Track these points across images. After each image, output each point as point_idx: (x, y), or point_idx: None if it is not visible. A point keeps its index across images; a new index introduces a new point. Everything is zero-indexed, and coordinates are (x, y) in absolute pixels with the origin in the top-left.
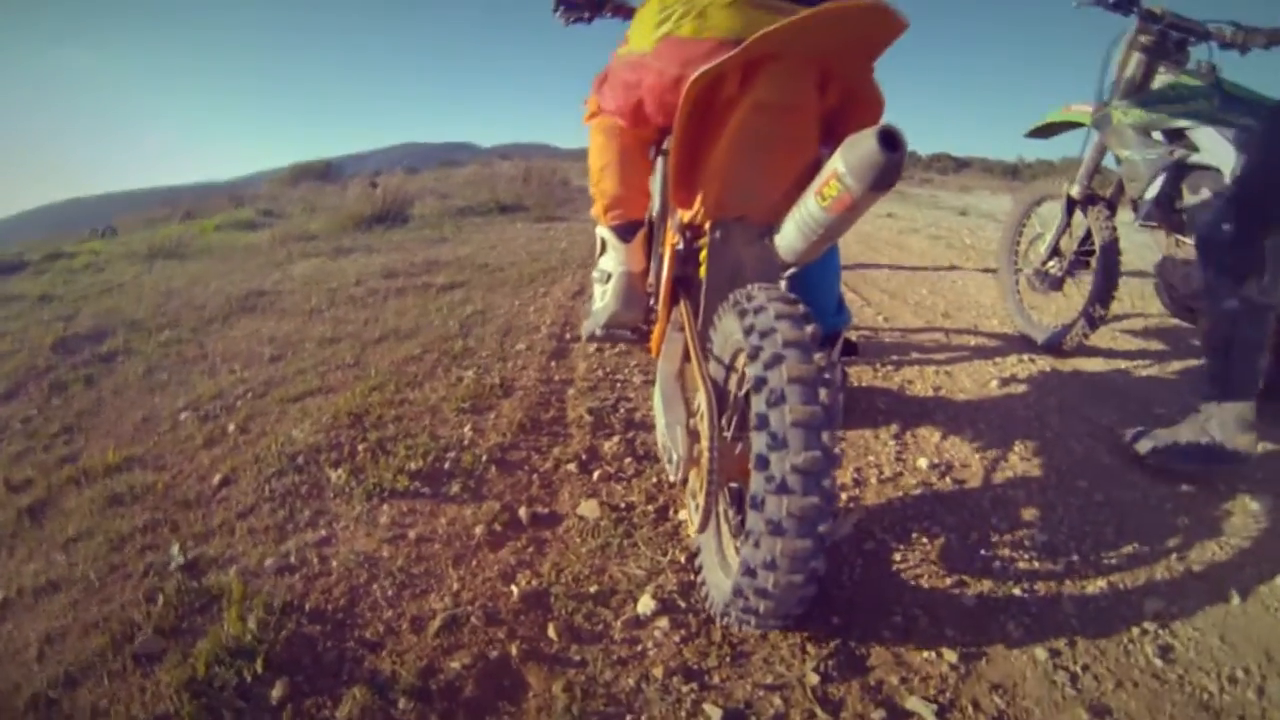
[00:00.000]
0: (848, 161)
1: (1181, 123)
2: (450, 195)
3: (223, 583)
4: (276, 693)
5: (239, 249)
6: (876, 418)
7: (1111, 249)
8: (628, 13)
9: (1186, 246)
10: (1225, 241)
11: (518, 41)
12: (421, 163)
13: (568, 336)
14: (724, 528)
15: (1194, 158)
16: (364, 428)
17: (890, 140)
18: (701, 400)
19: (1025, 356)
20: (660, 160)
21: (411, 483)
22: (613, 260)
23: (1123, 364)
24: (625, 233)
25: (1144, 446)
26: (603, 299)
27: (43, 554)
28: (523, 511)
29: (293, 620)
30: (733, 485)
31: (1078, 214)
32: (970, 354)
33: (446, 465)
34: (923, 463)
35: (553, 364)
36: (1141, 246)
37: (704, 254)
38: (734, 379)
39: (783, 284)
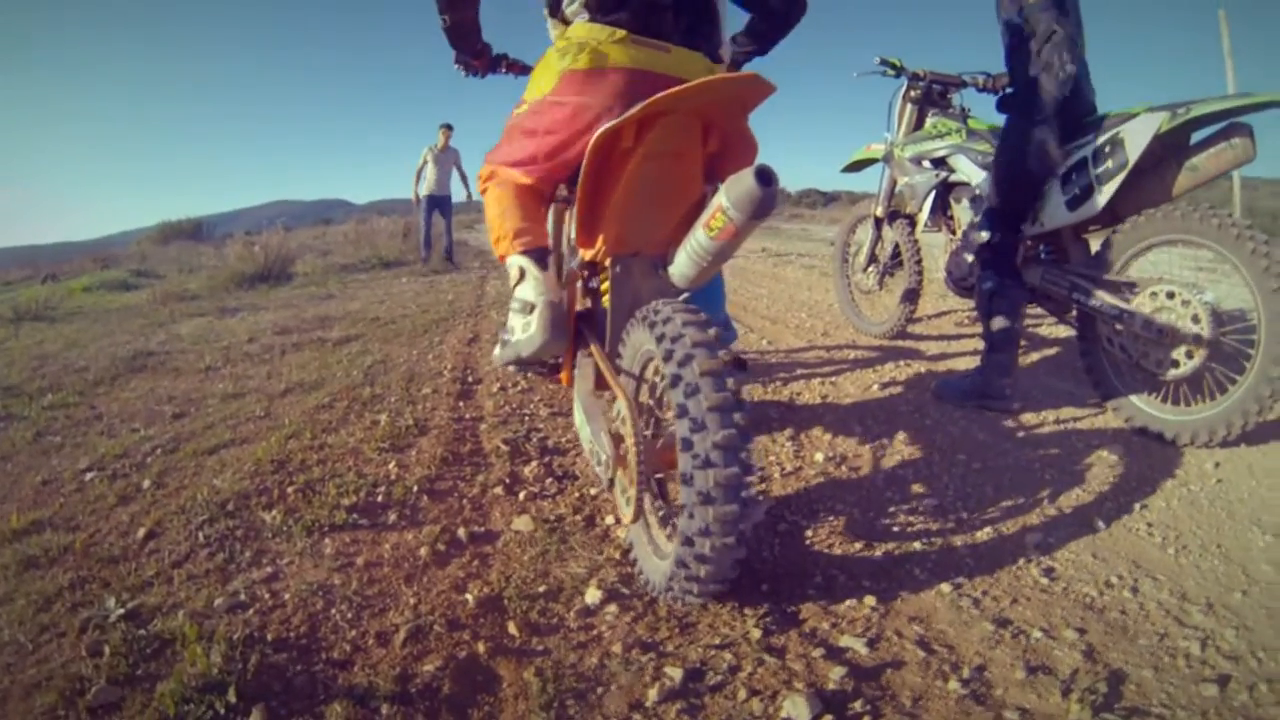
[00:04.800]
0: (730, 196)
1: (942, 152)
2: (331, 252)
3: (172, 627)
4: None
5: (114, 310)
6: (772, 425)
7: (913, 254)
8: (521, 69)
9: (959, 243)
10: (982, 236)
11: (390, 98)
12: (296, 220)
13: (470, 379)
14: (651, 518)
15: (953, 177)
16: (289, 472)
17: (765, 177)
18: (622, 406)
19: (902, 362)
20: (553, 209)
21: (349, 516)
22: (533, 289)
23: None
24: (540, 258)
25: (939, 390)
26: (526, 330)
27: None
28: (461, 532)
29: (257, 651)
30: (657, 477)
31: (885, 229)
32: (851, 365)
33: (379, 498)
34: (819, 457)
35: (460, 404)
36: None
37: (604, 286)
38: (644, 387)
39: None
